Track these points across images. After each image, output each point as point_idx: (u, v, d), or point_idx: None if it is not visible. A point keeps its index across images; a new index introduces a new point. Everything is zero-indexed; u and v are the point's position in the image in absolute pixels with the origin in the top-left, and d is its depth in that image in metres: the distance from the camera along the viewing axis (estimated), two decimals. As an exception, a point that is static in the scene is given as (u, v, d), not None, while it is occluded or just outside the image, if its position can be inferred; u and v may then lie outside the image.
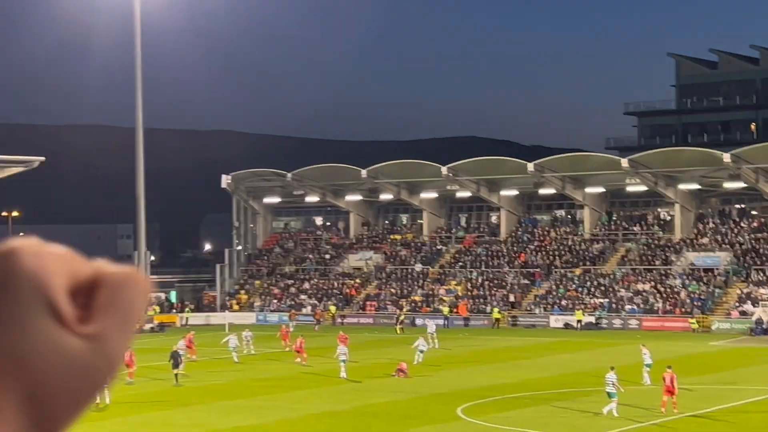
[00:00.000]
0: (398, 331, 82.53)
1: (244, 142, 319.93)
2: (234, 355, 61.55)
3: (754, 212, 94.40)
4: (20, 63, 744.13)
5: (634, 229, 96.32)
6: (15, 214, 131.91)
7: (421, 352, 58.97)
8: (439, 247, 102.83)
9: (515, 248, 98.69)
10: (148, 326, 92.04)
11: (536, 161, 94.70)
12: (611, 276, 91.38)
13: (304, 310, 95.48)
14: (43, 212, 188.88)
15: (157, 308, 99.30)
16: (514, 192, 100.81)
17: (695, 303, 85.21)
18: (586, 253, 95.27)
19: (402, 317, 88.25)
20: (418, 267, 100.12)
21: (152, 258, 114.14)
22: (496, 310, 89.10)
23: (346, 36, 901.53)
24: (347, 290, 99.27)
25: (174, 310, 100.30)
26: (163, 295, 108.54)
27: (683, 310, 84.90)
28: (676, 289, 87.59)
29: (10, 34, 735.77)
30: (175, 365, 52.38)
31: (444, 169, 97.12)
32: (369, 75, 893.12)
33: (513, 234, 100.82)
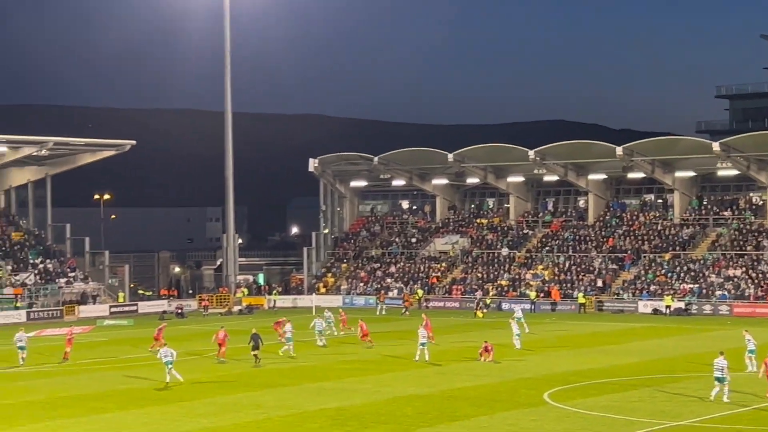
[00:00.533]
0: (479, 315, 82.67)
1: (332, 126, 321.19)
2: (318, 338, 61.45)
3: None
4: (111, 49, 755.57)
5: (725, 213, 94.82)
6: (107, 197, 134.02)
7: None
8: (525, 231, 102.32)
9: (603, 233, 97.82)
10: (236, 309, 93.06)
11: (625, 145, 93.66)
12: (701, 261, 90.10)
13: (390, 294, 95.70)
14: (133, 195, 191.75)
15: (246, 291, 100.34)
16: (602, 176, 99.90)
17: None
18: (676, 238, 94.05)
19: (488, 301, 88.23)
20: (505, 251, 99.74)
21: (240, 241, 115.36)
22: (581, 294, 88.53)
23: (432, 18, 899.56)
24: (433, 275, 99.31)
25: (262, 293, 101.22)
26: (251, 278, 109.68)
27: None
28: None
29: (101, 21, 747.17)
30: (255, 347, 52.90)
31: (531, 153, 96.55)
32: (455, 58, 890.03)
33: (601, 218, 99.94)
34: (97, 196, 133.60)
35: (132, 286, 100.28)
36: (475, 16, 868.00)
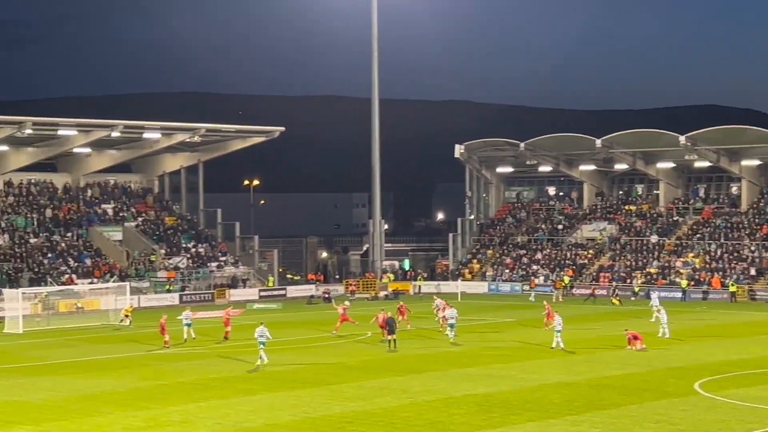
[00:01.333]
0: (615, 302, 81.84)
1: (478, 111, 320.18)
2: (449, 331, 59.42)
3: None
4: (261, 38, 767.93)
5: None
6: (256, 182, 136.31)
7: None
8: (675, 218, 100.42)
9: (757, 220, 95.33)
10: (382, 294, 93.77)
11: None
12: None
13: (536, 281, 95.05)
14: (281, 181, 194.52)
15: (391, 276, 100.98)
16: (757, 162, 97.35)
17: None
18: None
19: (640, 289, 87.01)
20: (654, 238, 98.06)
21: (386, 227, 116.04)
22: (731, 283, 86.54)
23: (578, 2, 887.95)
24: (580, 261, 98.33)
25: (407, 278, 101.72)
26: (396, 263, 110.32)
27: None
28: None
29: (251, 12, 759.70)
30: (390, 331, 53.13)
31: (682, 139, 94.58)
32: (602, 42, 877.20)
33: (755, 205, 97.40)
34: (246, 182, 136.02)
35: (281, 270, 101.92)
36: (623, 0, 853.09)
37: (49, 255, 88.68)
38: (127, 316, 67.90)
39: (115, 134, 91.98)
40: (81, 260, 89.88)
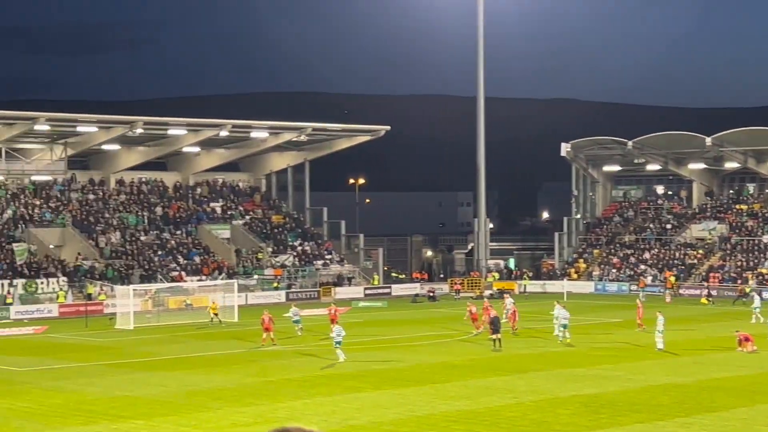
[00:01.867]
0: (704, 302, 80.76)
1: (584, 110, 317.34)
2: (556, 329, 57.02)
3: None
4: (366, 37, 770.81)
5: None
6: (361, 181, 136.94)
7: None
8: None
9: None
10: (487, 293, 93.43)
11: None
12: None
13: (645, 280, 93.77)
14: (386, 180, 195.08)
15: (496, 275, 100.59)
16: None
17: None
18: None
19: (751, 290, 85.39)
20: (766, 238, 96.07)
21: (491, 225, 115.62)
22: None
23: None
24: (689, 261, 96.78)
25: (512, 277, 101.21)
26: (501, 263, 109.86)
27: None
28: None
29: (356, 12, 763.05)
30: (495, 330, 52.86)
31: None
32: (708, 38, 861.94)
33: None
34: (352, 181, 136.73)
35: (386, 268, 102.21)
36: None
37: (159, 252, 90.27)
38: (216, 314, 67.94)
39: (223, 133, 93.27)
40: (190, 258, 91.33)
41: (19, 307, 76.26)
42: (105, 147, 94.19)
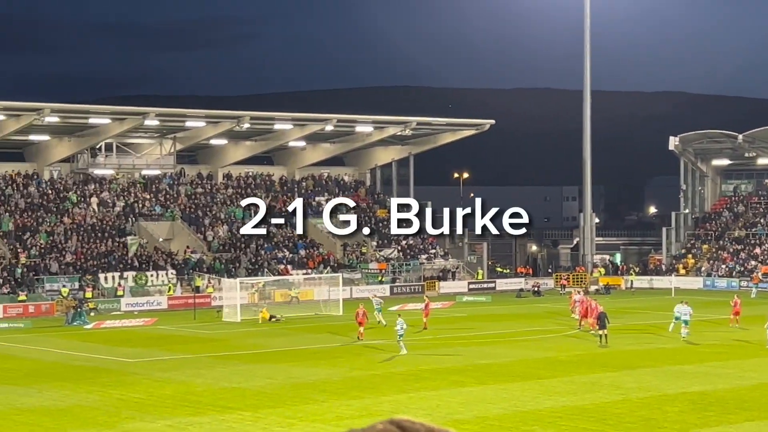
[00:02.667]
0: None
1: (692, 102, 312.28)
2: (672, 326, 56.68)
3: None
4: (471, 31, 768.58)
5: None
6: (465, 175, 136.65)
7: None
8: None
9: None
10: (593, 288, 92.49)
11: None
12: None
13: (759, 276, 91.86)
14: (490, 174, 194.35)
15: (602, 270, 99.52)
16: None
17: None
18: None
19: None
20: None
21: (597, 220, 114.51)
22: None
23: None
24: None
25: (618, 273, 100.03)
26: (607, 258, 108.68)
27: None
28: None
29: (461, 5, 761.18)
30: (602, 326, 52.12)
31: None
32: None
33: None
34: (456, 175, 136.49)
35: (490, 263, 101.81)
36: None
37: (266, 246, 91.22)
38: (271, 319, 66.37)
39: (328, 128, 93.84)
40: (296, 251, 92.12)
41: (129, 299, 77.78)
42: (213, 141, 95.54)
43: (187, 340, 57.62)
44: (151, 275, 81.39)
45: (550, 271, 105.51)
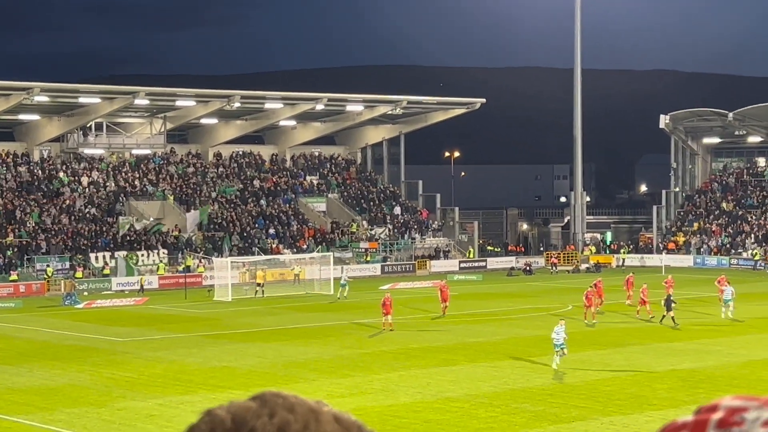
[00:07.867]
0: None
1: (683, 81, 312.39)
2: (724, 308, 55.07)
3: None
4: (461, 9, 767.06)
5: None
6: (456, 154, 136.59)
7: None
8: None
9: None
10: (584, 266, 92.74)
11: None
12: None
13: (745, 254, 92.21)
14: (481, 152, 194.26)
15: (593, 249, 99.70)
16: None
17: None
18: None
19: None
20: None
21: (588, 199, 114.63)
22: None
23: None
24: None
25: (609, 251, 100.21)
26: (598, 236, 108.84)
27: None
28: None
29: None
30: (669, 309, 51.54)
31: None
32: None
33: None
34: (447, 154, 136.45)
35: (481, 242, 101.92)
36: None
37: (256, 225, 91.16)
38: (259, 285, 69.42)
39: (319, 107, 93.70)
40: (289, 224, 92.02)
41: (120, 278, 77.76)
42: (203, 121, 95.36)
43: (179, 320, 57.66)
44: (142, 255, 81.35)
45: (541, 249, 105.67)
